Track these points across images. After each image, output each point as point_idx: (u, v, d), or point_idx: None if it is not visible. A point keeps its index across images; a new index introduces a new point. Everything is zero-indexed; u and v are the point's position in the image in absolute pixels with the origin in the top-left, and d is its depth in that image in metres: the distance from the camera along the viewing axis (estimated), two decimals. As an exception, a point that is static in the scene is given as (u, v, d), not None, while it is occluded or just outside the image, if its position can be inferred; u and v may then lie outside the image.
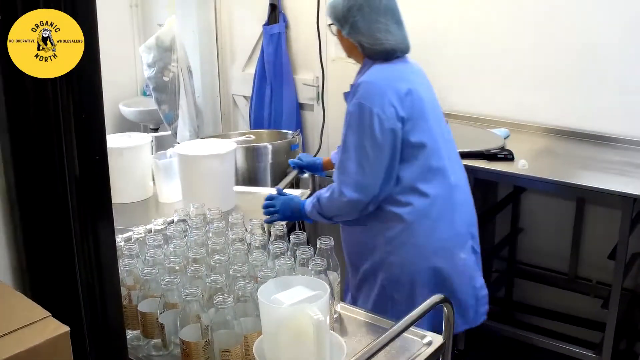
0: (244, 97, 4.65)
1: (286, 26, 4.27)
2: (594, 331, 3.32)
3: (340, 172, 2.32)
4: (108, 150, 1.31)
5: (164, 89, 4.35)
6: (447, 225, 2.36)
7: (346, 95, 2.39)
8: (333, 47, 4.07)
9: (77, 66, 1.22)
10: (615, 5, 3.17)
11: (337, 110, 4.13)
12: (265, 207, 2.53)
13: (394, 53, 2.36)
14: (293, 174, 2.97)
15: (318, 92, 4.19)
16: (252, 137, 3.76)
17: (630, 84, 3.19)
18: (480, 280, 2.48)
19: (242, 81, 4.61)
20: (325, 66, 4.09)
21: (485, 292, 2.49)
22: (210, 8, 4.55)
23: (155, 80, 4.32)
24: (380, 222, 2.35)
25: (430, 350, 1.77)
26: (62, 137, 1.26)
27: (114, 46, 4.50)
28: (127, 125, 4.72)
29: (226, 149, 2.80)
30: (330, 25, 2.44)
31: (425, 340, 1.80)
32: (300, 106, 4.35)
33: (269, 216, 2.48)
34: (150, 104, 4.64)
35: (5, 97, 1.25)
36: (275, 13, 4.27)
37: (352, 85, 2.37)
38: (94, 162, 1.29)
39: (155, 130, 4.80)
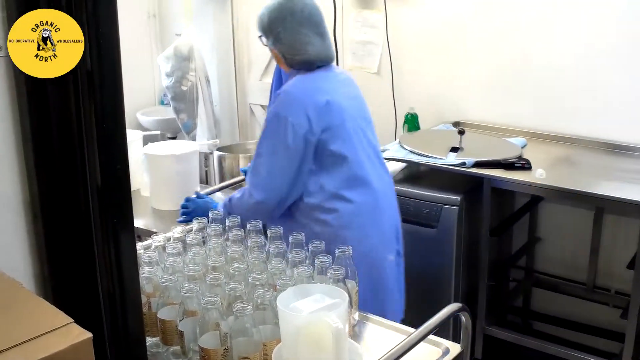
0: (261, 106, 4.67)
1: (303, 36, 4.28)
2: (613, 341, 3.29)
3: (252, 175, 2.44)
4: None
5: (182, 98, 4.38)
6: (376, 230, 2.47)
7: (270, 104, 2.53)
8: (350, 56, 4.09)
9: (99, 77, 1.24)
10: (630, 16, 3.16)
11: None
12: (181, 207, 2.66)
13: (314, 63, 2.47)
14: (225, 183, 3.14)
15: (335, 102, 4.20)
16: (217, 141, 3.88)
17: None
18: (402, 283, 2.62)
19: (259, 90, 4.63)
20: (342, 75, 4.10)
21: (402, 292, 2.62)
22: (228, 18, 4.58)
23: (173, 89, 4.36)
24: (309, 230, 2.38)
25: (447, 359, 1.77)
26: (84, 147, 1.28)
27: (132, 56, 4.54)
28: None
29: (182, 151, 3.02)
30: (260, 36, 2.60)
31: (443, 349, 1.80)
32: (317, 115, 4.36)
33: (183, 217, 2.63)
34: (168, 113, 4.68)
35: (29, 108, 1.27)
36: (292, 23, 4.28)
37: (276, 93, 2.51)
38: (116, 172, 1.30)
39: (173, 138, 4.83)
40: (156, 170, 3.03)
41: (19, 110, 1.28)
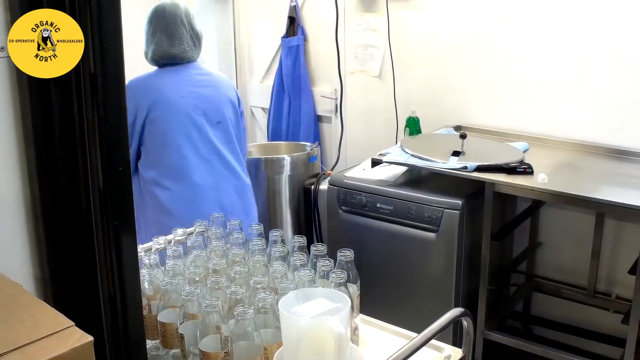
0: (262, 108, 4.66)
1: (305, 39, 4.29)
2: (613, 347, 3.28)
3: None
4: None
5: (183, 100, 4.37)
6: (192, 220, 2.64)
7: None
8: (352, 59, 4.09)
9: (102, 78, 1.23)
10: (634, 21, 3.16)
11: (355, 122, 4.15)
12: None
13: (158, 61, 2.92)
14: None
15: (336, 105, 4.21)
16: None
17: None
18: None
19: (260, 93, 4.63)
20: (343, 79, 4.10)
21: None
22: (229, 20, 4.58)
23: (174, 91, 4.34)
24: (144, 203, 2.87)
25: (449, 364, 1.76)
26: (86, 148, 1.27)
27: (134, 57, 4.52)
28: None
29: None
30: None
31: (445, 354, 1.80)
32: (318, 118, 4.37)
33: None
34: (169, 115, 4.66)
35: (31, 109, 1.26)
36: (293, 26, 4.29)
37: None
38: (117, 173, 1.30)
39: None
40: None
41: (21, 111, 1.27)
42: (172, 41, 2.88)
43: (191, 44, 2.94)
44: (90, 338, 1.04)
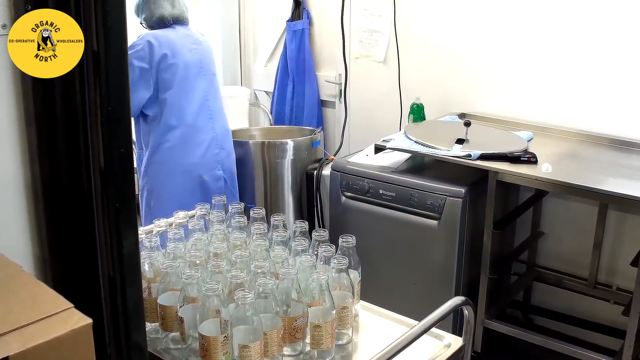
0: (266, 92, 4.65)
1: (310, 23, 4.26)
2: (613, 338, 3.28)
3: None
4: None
5: (186, 82, 4.35)
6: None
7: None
8: (356, 44, 4.06)
9: (105, 57, 1.22)
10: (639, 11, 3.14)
11: (359, 108, 4.13)
12: None
13: (163, 20, 3.25)
14: None
15: (340, 90, 4.18)
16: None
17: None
18: None
19: (264, 76, 4.61)
20: (348, 63, 4.08)
21: None
22: (234, 3, 4.55)
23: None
24: None
25: (449, 352, 1.76)
26: (88, 129, 1.26)
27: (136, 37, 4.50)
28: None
29: None
30: (140, 23, 3.33)
31: (445, 342, 1.79)
32: (322, 103, 4.35)
33: None
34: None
35: (32, 89, 1.25)
36: (299, 9, 4.26)
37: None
38: (119, 155, 1.28)
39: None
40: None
41: (23, 90, 1.26)
42: (174, 3, 3.27)
43: (185, 6, 3.36)
44: (89, 320, 1.03)
